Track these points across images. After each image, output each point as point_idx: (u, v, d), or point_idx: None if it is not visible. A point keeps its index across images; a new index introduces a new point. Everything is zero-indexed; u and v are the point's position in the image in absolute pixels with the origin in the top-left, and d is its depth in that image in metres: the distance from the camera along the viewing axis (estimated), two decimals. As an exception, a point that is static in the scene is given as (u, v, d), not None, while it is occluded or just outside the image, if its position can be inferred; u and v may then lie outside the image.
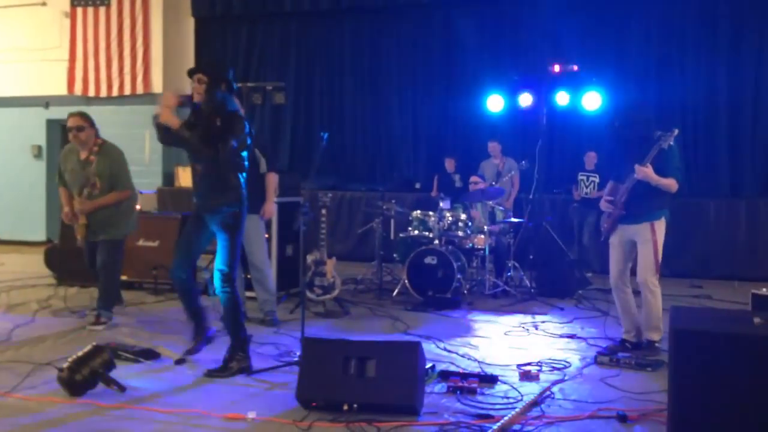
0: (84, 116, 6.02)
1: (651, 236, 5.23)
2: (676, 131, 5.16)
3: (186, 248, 4.86)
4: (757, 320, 3.41)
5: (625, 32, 10.64)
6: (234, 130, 4.60)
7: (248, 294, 6.60)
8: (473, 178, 8.67)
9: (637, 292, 5.46)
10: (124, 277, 7.82)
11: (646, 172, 5.11)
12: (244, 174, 4.80)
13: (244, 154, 4.78)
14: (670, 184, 5.18)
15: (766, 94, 9.86)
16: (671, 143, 5.15)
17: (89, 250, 6.11)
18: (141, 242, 7.83)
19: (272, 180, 6.25)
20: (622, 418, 3.88)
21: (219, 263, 4.71)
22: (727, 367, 3.24)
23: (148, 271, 7.63)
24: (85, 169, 5.91)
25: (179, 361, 4.87)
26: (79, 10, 12.35)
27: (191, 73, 4.69)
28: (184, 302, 4.98)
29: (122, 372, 4.53)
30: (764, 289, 5.48)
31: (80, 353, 4.31)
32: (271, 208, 6.25)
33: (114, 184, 5.98)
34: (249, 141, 4.79)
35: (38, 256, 8.74)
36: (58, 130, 12.51)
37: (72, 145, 6.06)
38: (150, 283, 7.66)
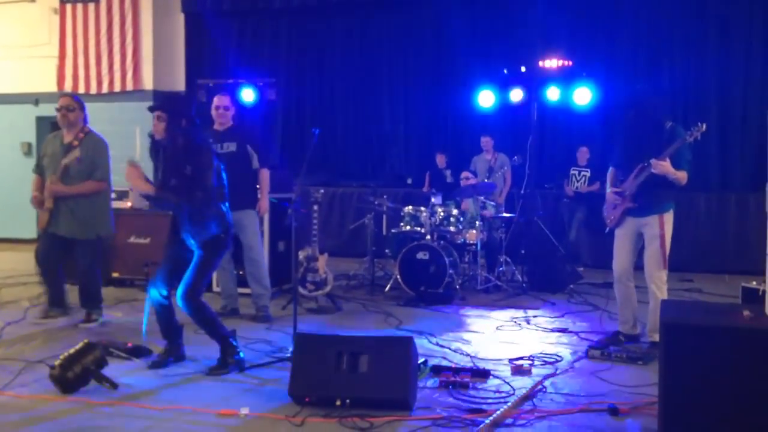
0: (75, 98, 5.95)
1: (659, 230, 5.18)
2: (704, 126, 5.03)
3: (167, 269, 4.72)
4: (746, 313, 3.43)
5: (615, 27, 10.67)
6: (204, 171, 4.55)
7: (241, 290, 6.59)
8: (464, 174, 8.68)
9: (638, 287, 5.42)
10: (115, 274, 7.85)
11: (664, 166, 5.00)
12: (224, 201, 4.76)
13: (222, 174, 4.75)
14: (683, 177, 5.12)
15: (755, 89, 9.91)
16: (698, 138, 5.03)
17: (46, 242, 5.86)
18: (132, 239, 7.82)
19: (265, 176, 6.25)
20: (614, 411, 3.90)
21: (187, 277, 4.60)
22: (718, 359, 3.26)
23: (140, 268, 7.62)
24: (66, 154, 5.74)
25: (152, 365, 4.80)
26: (69, 6, 12.28)
27: (152, 110, 4.64)
28: (160, 319, 4.81)
29: (114, 369, 4.52)
30: (754, 282, 5.53)
31: (72, 351, 4.30)
32: (265, 204, 6.26)
33: (92, 173, 5.80)
34: (215, 160, 4.71)
35: (29, 254, 8.65)
36: (47, 127, 12.42)
37: (55, 132, 5.98)
38: (141, 279, 7.64)
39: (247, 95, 10.10)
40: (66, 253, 5.91)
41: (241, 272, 7.18)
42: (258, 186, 6.25)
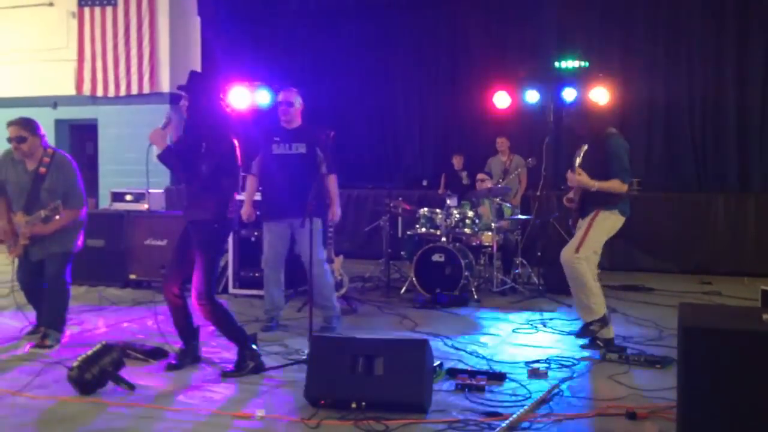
0: (25, 124, 5.28)
1: (590, 219, 5.16)
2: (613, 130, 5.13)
3: (177, 262, 4.74)
4: (766, 317, 3.39)
5: (631, 28, 10.61)
6: (214, 148, 4.56)
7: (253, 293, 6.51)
8: (480, 176, 8.66)
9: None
10: (132, 276, 7.90)
11: (579, 180, 5.09)
12: (230, 192, 4.72)
13: (231, 167, 4.70)
14: (613, 186, 5.06)
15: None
16: (619, 141, 5.09)
17: (25, 268, 5.43)
18: (149, 241, 7.86)
19: (334, 182, 5.97)
20: (631, 416, 3.87)
21: (195, 283, 4.60)
22: (737, 364, 3.22)
23: (156, 270, 7.64)
24: (34, 184, 5.27)
25: (169, 367, 4.81)
26: (86, 10, 12.39)
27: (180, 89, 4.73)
28: (176, 321, 4.81)
29: (131, 371, 4.54)
30: (774, 285, 5.45)
31: (90, 352, 4.33)
32: (337, 210, 5.98)
33: (66, 201, 5.25)
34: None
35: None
36: (66, 130, 12.56)
37: (11, 152, 5.38)
38: (158, 281, 7.66)
39: (263, 97, 10.13)
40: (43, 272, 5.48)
41: (257, 274, 7.20)
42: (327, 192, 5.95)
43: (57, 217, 5.12)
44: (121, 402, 4.12)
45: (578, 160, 5.24)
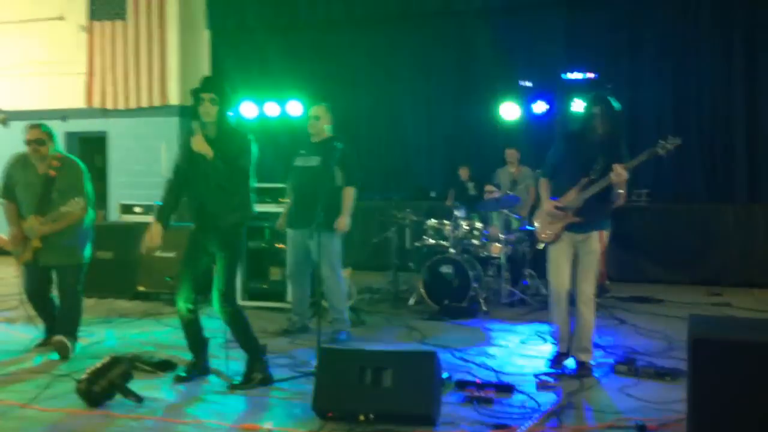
0: (44, 129, 5.50)
1: (596, 246, 4.98)
2: (678, 140, 4.76)
3: (189, 277, 4.75)
4: (777, 328, 3.37)
5: (639, 39, 10.58)
6: (243, 155, 4.65)
7: (267, 305, 6.56)
8: (488, 187, 8.65)
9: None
10: (140, 288, 7.92)
11: (625, 177, 4.71)
12: (253, 196, 4.80)
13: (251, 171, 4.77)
14: (625, 195, 4.97)
15: (783, 99, 9.78)
16: (670, 150, 4.76)
17: (33, 276, 5.51)
18: (158, 253, 7.87)
19: (348, 194, 6.06)
20: (641, 429, 3.84)
21: (218, 283, 4.64)
22: (748, 376, 3.20)
23: (165, 282, 7.67)
24: (45, 187, 5.39)
25: (178, 379, 4.82)
26: (97, 24, 12.49)
27: (196, 92, 4.64)
28: (187, 334, 4.84)
29: (140, 383, 4.55)
30: (784, 297, 5.42)
31: (98, 364, 4.34)
32: (344, 221, 6.03)
33: (72, 197, 5.34)
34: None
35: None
36: (76, 143, 12.63)
37: (22, 156, 5.53)
38: (167, 293, 7.70)
39: (272, 110, 10.20)
40: (51, 280, 5.63)
41: (265, 285, 7.24)
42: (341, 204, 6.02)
43: (78, 211, 5.27)
44: (130, 415, 4.13)
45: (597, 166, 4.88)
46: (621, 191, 4.85)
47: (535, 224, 5.25)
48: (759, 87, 9.97)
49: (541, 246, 5.26)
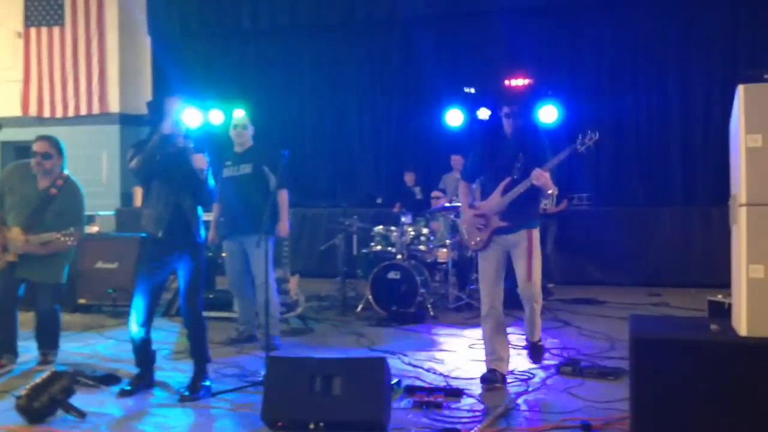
0: (53, 143, 5.32)
1: (527, 244, 4.71)
2: (596, 135, 4.59)
3: (148, 306, 4.69)
4: (713, 327, 3.48)
5: (578, 46, 10.87)
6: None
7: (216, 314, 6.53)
8: (434, 194, 8.73)
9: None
10: (81, 301, 7.72)
11: (546, 178, 4.50)
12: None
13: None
14: (555, 191, 4.96)
15: (715, 105, 10.13)
16: (590, 147, 4.58)
17: (5, 287, 5.26)
18: (99, 264, 7.71)
19: (283, 197, 6.09)
20: (586, 428, 3.92)
21: (193, 295, 4.71)
22: (687, 373, 3.30)
23: (107, 294, 7.50)
24: (41, 203, 5.20)
25: (122, 393, 4.71)
26: (33, 30, 12.19)
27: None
28: (139, 351, 4.79)
29: (82, 398, 4.43)
30: (720, 296, 5.60)
31: (38, 380, 4.21)
32: (284, 225, 6.05)
33: (69, 223, 5.19)
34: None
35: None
36: (11, 153, 12.26)
37: (24, 165, 5.36)
38: (109, 305, 7.53)
39: (216, 117, 10.08)
40: (21, 295, 5.41)
41: (211, 295, 7.16)
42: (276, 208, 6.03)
43: (69, 242, 5.08)
44: (72, 431, 4.02)
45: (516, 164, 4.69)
46: (549, 191, 4.71)
47: (463, 231, 5.08)
48: (692, 95, 10.33)
49: (470, 254, 5.23)
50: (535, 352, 5.14)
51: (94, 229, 8.08)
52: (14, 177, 5.36)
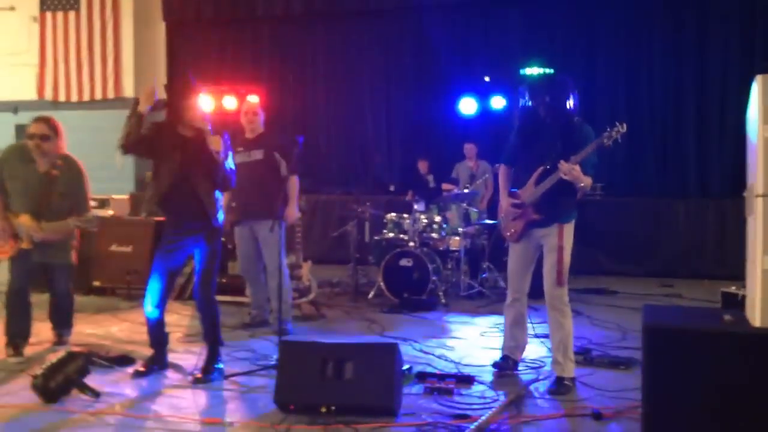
0: (51, 124, 5.18)
1: (558, 241, 4.48)
2: (624, 127, 4.42)
3: (162, 289, 4.72)
4: (727, 317, 3.47)
5: (593, 34, 10.78)
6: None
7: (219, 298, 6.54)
8: (445, 186, 8.73)
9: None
10: (96, 283, 7.79)
11: (576, 171, 4.30)
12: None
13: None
14: (589, 184, 4.45)
15: (731, 96, 10.03)
16: (617, 140, 4.42)
17: (19, 274, 5.19)
18: (114, 247, 7.77)
19: (293, 183, 6.07)
20: (597, 416, 3.93)
21: (207, 280, 4.75)
22: (700, 364, 3.30)
23: (122, 277, 7.56)
24: (44, 187, 5.11)
25: (136, 374, 4.76)
26: (49, 14, 12.21)
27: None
28: (153, 335, 4.84)
29: (97, 378, 4.49)
30: (733, 288, 5.59)
31: (54, 360, 4.27)
32: (292, 211, 6.06)
33: (74, 205, 5.20)
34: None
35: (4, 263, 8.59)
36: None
37: (21, 147, 5.21)
38: (123, 288, 7.59)
39: (230, 103, 10.10)
40: (36, 280, 5.39)
41: (224, 280, 7.20)
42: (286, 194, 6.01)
43: (90, 229, 5.18)
44: (87, 410, 4.07)
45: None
46: (581, 185, 4.40)
47: (501, 219, 4.91)
48: (709, 84, 10.24)
49: (506, 244, 4.93)
50: (561, 389, 4.44)
51: (108, 213, 8.12)
52: (13, 160, 5.21)
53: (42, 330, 5.63)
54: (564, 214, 4.54)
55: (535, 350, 5.48)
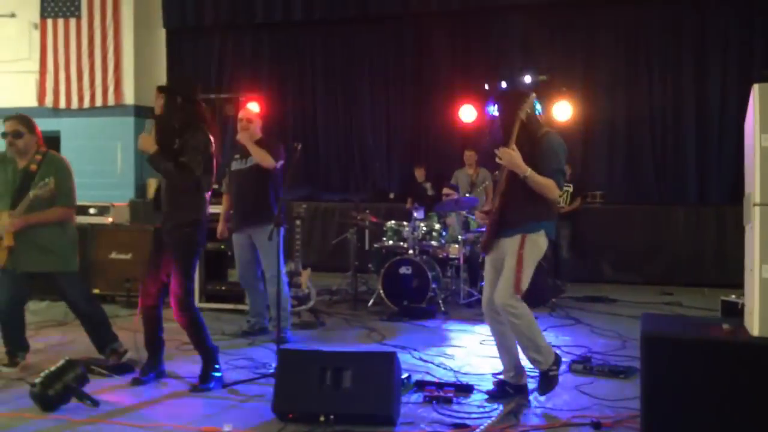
0: (23, 120, 5.06)
1: (518, 248, 4.21)
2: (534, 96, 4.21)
3: (153, 273, 4.69)
4: (726, 326, 3.47)
5: (593, 43, 10.82)
6: (190, 147, 4.53)
7: (218, 306, 6.56)
8: (446, 191, 8.73)
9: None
10: (96, 291, 7.77)
11: (511, 155, 4.10)
12: (205, 195, 4.71)
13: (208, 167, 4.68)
14: (548, 185, 4.16)
15: (730, 103, 10.06)
16: (528, 111, 4.18)
17: (8, 284, 5.00)
18: (113, 255, 7.76)
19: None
20: (597, 426, 3.92)
21: (174, 290, 4.58)
22: (699, 373, 3.30)
23: (121, 284, 7.55)
24: (23, 182, 4.94)
25: (134, 382, 4.74)
26: (49, 21, 12.25)
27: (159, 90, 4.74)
28: (147, 331, 4.77)
29: (95, 386, 4.48)
30: (733, 296, 5.58)
31: (53, 368, 4.26)
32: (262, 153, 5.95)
33: (55, 199, 4.98)
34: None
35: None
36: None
37: (4, 153, 5.10)
38: (123, 295, 7.58)
39: (229, 110, 10.13)
40: (29, 292, 5.25)
41: (223, 288, 7.20)
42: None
43: (48, 193, 4.82)
44: (86, 419, 4.06)
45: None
46: (534, 180, 4.13)
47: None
48: (708, 93, 10.26)
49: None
50: (547, 383, 4.37)
51: (108, 220, 8.12)
52: None
53: (42, 338, 5.60)
54: (529, 225, 4.25)
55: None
